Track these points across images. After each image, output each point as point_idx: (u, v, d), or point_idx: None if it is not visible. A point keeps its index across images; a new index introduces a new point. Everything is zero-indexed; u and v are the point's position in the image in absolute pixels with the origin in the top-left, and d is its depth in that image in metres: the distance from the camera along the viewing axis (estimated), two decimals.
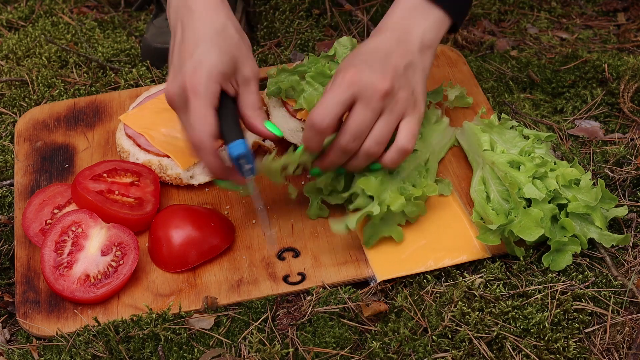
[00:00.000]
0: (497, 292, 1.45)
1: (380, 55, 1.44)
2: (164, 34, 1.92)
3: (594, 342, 1.40)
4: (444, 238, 1.53)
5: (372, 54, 1.44)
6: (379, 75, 1.41)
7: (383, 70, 1.42)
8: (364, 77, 1.41)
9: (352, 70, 1.41)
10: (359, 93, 1.41)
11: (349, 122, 1.42)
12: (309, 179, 1.66)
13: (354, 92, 1.41)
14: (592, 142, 1.76)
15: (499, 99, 1.87)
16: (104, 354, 1.38)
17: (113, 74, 1.94)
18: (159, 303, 1.46)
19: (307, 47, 2.02)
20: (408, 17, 1.48)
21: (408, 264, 1.50)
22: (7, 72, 1.95)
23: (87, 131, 1.76)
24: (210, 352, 1.38)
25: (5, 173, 1.73)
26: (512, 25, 2.13)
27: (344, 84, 1.40)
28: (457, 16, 1.51)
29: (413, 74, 1.46)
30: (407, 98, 1.44)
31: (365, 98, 1.41)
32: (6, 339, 1.46)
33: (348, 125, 1.42)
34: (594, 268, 1.51)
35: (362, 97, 1.41)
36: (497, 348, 1.39)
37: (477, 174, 1.60)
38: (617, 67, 1.89)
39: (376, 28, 1.51)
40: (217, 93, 1.42)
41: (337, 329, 1.41)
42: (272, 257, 1.53)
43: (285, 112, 1.72)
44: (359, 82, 1.40)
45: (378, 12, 2.12)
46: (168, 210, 1.54)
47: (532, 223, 1.46)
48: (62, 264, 1.46)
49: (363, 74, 1.41)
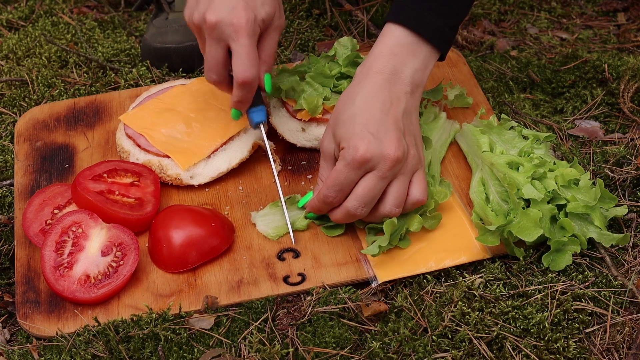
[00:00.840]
0: (497, 292, 1.45)
1: (378, 115, 1.43)
2: (163, 34, 1.92)
3: (594, 342, 1.40)
4: (445, 239, 1.53)
5: (369, 112, 1.44)
6: (387, 144, 1.42)
7: (389, 136, 1.42)
8: (374, 150, 1.41)
9: (360, 144, 1.41)
10: (372, 167, 1.42)
11: (360, 190, 1.44)
12: (310, 179, 1.66)
13: (367, 168, 1.42)
14: (592, 142, 1.76)
15: (499, 99, 1.87)
16: (104, 354, 1.38)
17: (113, 74, 1.94)
18: (159, 303, 1.46)
19: (307, 47, 2.02)
20: (397, 55, 1.47)
21: (409, 265, 1.50)
22: (7, 72, 1.95)
23: (87, 131, 1.76)
24: (210, 352, 1.39)
25: (5, 173, 1.73)
26: (512, 25, 2.13)
27: (355, 163, 1.41)
28: (445, 48, 1.51)
29: (410, 120, 1.48)
30: (414, 155, 1.46)
31: (377, 169, 1.42)
32: (6, 339, 1.46)
33: (358, 192, 1.44)
34: (594, 268, 1.51)
35: (374, 169, 1.43)
36: (497, 348, 1.39)
37: (476, 175, 1.60)
38: (617, 67, 1.89)
39: (363, 67, 1.50)
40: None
41: (337, 329, 1.41)
42: (272, 258, 1.53)
43: (285, 112, 1.72)
44: (370, 159, 1.41)
45: (378, 12, 2.12)
46: (168, 211, 1.54)
47: (531, 223, 1.46)
48: (62, 264, 1.46)
49: (372, 147, 1.41)
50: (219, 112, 1.70)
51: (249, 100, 1.56)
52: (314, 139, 1.68)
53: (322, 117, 1.68)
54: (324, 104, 1.68)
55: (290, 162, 1.70)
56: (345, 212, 1.47)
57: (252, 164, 1.69)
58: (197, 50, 1.89)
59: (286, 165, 1.69)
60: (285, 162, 1.70)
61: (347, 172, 1.43)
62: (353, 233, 1.55)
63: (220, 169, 1.64)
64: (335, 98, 1.69)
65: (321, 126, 1.69)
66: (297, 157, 1.71)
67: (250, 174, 1.67)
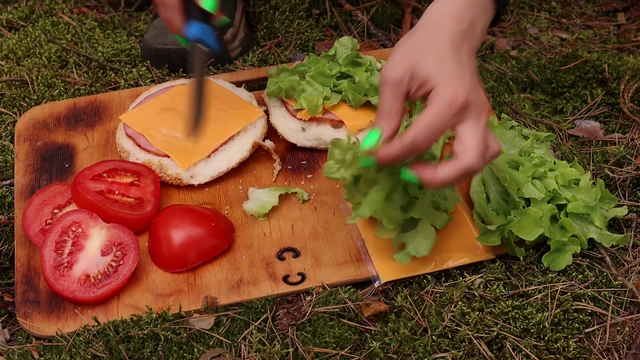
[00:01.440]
0: (497, 292, 1.45)
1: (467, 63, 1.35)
2: (164, 34, 1.92)
3: (594, 342, 1.40)
4: (448, 239, 1.53)
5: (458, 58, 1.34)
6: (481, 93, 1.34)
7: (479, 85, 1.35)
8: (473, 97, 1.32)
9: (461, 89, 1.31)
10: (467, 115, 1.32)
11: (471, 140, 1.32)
12: (310, 179, 1.66)
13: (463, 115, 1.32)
14: (592, 142, 1.76)
15: (499, 99, 1.87)
16: (104, 354, 1.38)
17: (113, 74, 1.94)
18: (159, 303, 1.46)
19: (307, 47, 2.02)
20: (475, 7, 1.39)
21: (412, 265, 1.49)
22: (7, 72, 1.95)
23: (87, 131, 1.76)
24: (210, 352, 1.38)
25: (5, 173, 1.73)
26: (512, 25, 2.13)
27: (456, 108, 1.31)
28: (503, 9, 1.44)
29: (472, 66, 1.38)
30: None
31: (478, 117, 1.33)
32: (6, 339, 1.46)
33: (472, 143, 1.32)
34: (594, 268, 1.51)
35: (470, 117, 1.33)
36: (497, 348, 1.39)
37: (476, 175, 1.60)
38: (617, 67, 1.89)
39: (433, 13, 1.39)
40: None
41: (337, 329, 1.41)
42: (272, 257, 1.53)
43: (285, 112, 1.72)
44: (470, 105, 1.31)
45: (378, 12, 2.12)
46: (168, 210, 1.54)
47: (531, 222, 1.46)
48: (62, 264, 1.46)
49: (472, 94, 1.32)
50: (219, 112, 1.70)
51: (173, 18, 1.47)
52: (314, 138, 1.68)
53: (322, 116, 1.68)
54: (324, 104, 1.68)
55: (290, 162, 1.70)
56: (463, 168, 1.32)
57: (252, 164, 1.69)
58: None
59: (286, 165, 1.69)
60: (285, 162, 1.70)
61: (445, 116, 1.30)
62: (352, 233, 1.55)
63: (220, 168, 1.64)
64: (336, 98, 1.69)
65: (321, 126, 1.69)
66: (297, 156, 1.71)
67: (250, 174, 1.67)
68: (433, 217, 1.48)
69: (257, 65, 1.97)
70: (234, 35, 1.97)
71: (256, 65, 1.97)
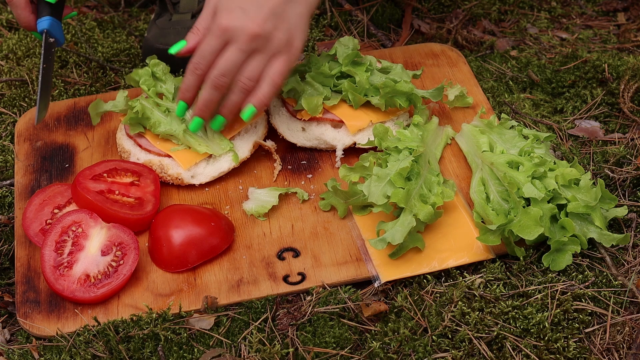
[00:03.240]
0: (497, 292, 1.45)
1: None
2: (166, 35, 1.91)
3: (594, 342, 1.40)
4: (448, 239, 1.53)
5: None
6: (251, 19, 1.49)
7: (257, 13, 1.49)
8: (236, 22, 1.49)
9: (225, 16, 1.50)
10: (231, 38, 1.51)
11: (219, 60, 1.52)
12: (310, 179, 1.66)
13: (227, 38, 1.51)
14: (592, 142, 1.76)
15: (499, 99, 1.87)
16: (104, 354, 1.38)
17: (113, 74, 1.94)
18: (159, 303, 1.46)
19: (307, 47, 2.02)
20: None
21: (412, 265, 1.50)
22: (7, 72, 1.95)
23: (87, 131, 1.76)
24: (210, 352, 1.39)
25: (6, 173, 1.73)
26: (512, 25, 2.13)
27: (217, 31, 1.50)
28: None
29: (293, 9, 1.52)
30: (281, 38, 1.52)
31: (236, 41, 1.51)
32: (6, 339, 1.46)
33: (218, 62, 1.52)
34: (594, 268, 1.51)
35: (234, 41, 1.51)
36: (497, 348, 1.39)
37: (476, 175, 1.60)
38: (617, 67, 1.89)
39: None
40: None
41: (337, 329, 1.41)
42: (272, 257, 1.53)
43: (285, 112, 1.72)
44: (230, 29, 1.50)
45: (378, 12, 2.12)
46: (168, 210, 1.54)
47: (532, 222, 1.46)
48: (62, 264, 1.46)
49: (234, 19, 1.49)
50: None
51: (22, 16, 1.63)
52: (314, 138, 1.68)
53: (322, 116, 1.68)
54: (324, 104, 1.68)
55: (290, 162, 1.70)
56: (209, 84, 1.54)
57: (253, 164, 1.69)
58: None
59: (286, 165, 1.69)
60: (285, 162, 1.70)
61: (209, 40, 1.52)
62: (353, 233, 1.55)
63: (221, 168, 1.64)
64: (336, 98, 1.69)
65: (321, 126, 1.69)
66: (297, 156, 1.71)
67: (250, 174, 1.67)
68: (417, 209, 1.48)
69: None
70: None
71: None
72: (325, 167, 1.68)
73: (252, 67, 1.53)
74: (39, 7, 1.65)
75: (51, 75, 1.65)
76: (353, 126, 1.67)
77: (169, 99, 1.68)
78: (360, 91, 1.68)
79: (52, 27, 1.64)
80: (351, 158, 1.68)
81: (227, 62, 1.52)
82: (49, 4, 1.64)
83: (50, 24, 1.63)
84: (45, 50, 1.63)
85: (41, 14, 1.64)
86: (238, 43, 1.50)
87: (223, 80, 1.53)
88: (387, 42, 2.03)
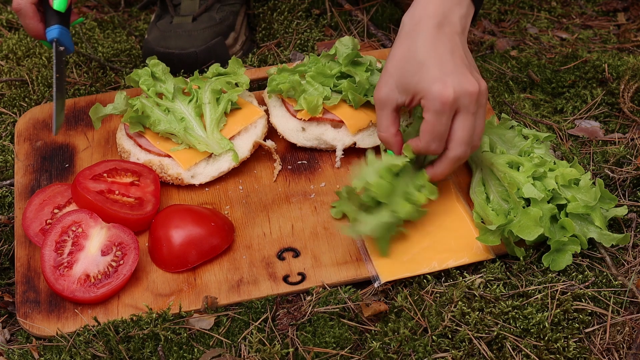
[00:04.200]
0: (497, 292, 1.45)
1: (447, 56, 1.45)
2: (167, 38, 1.89)
3: (594, 342, 1.40)
4: (448, 239, 1.53)
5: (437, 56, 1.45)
6: (465, 81, 1.44)
7: (464, 73, 1.45)
8: (458, 90, 1.43)
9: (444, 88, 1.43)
10: (459, 107, 1.45)
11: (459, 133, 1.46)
12: (309, 179, 1.66)
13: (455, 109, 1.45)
14: (592, 142, 1.76)
15: (499, 99, 1.87)
16: (104, 354, 1.38)
17: (113, 74, 1.94)
18: (159, 303, 1.46)
19: (307, 47, 2.02)
20: (446, 2, 1.49)
21: (412, 265, 1.50)
22: (7, 72, 1.95)
23: (87, 131, 1.76)
24: (210, 352, 1.39)
25: (6, 173, 1.73)
26: (512, 25, 2.13)
27: (446, 107, 1.43)
28: (479, 4, 1.55)
29: (469, 56, 1.50)
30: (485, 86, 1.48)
31: (466, 108, 1.45)
32: (6, 339, 1.46)
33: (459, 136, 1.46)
34: (594, 268, 1.51)
35: (462, 109, 1.45)
36: (497, 348, 1.39)
37: (476, 175, 1.60)
38: (617, 67, 1.89)
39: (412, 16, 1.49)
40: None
41: (337, 329, 1.41)
42: (272, 257, 1.53)
43: (285, 112, 1.72)
44: (458, 98, 1.43)
45: (378, 12, 2.12)
46: (168, 210, 1.54)
47: (531, 222, 1.46)
48: (62, 263, 1.46)
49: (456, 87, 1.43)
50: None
51: (31, 25, 1.63)
52: (314, 138, 1.68)
53: (322, 116, 1.68)
54: (324, 104, 1.68)
55: (291, 162, 1.70)
56: (453, 160, 1.48)
57: (252, 164, 1.69)
58: (200, 57, 1.88)
59: (286, 165, 1.69)
60: (285, 162, 1.70)
61: (441, 119, 1.44)
62: None
63: (221, 168, 1.64)
64: (336, 98, 1.69)
65: (321, 126, 1.69)
66: (297, 156, 1.71)
67: (250, 174, 1.67)
68: (396, 205, 1.48)
69: (257, 65, 1.97)
70: (235, 39, 1.97)
71: (256, 66, 1.97)
72: (325, 167, 1.68)
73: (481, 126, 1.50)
74: (47, 16, 1.64)
75: (64, 84, 1.65)
76: (353, 126, 1.67)
77: (168, 98, 1.68)
78: (360, 91, 1.68)
79: (61, 36, 1.63)
80: (351, 158, 1.68)
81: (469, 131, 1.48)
82: (57, 12, 1.63)
83: (59, 33, 1.63)
84: (57, 60, 1.62)
85: (50, 23, 1.63)
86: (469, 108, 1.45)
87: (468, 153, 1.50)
88: (387, 42, 2.03)
